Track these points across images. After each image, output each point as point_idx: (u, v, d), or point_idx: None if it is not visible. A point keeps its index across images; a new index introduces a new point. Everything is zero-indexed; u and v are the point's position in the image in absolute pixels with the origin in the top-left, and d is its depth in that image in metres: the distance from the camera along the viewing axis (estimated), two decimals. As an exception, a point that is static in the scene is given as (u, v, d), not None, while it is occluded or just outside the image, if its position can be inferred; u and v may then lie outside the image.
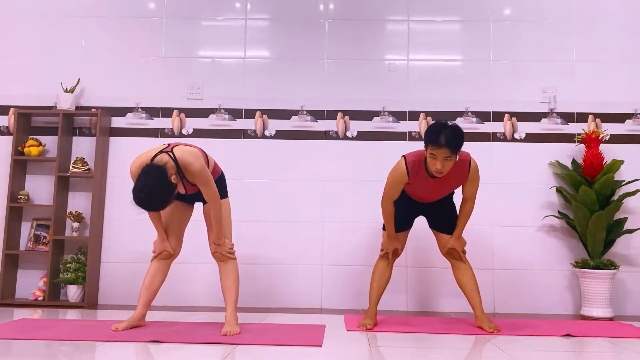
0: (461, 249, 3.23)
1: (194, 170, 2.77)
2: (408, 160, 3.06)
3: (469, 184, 3.11)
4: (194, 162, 2.77)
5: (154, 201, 2.63)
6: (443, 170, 2.92)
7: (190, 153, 2.80)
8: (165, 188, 2.63)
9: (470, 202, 3.17)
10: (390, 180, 3.12)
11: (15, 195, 4.10)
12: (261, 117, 4.26)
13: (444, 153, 2.86)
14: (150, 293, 3.02)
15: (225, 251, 3.00)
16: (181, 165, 2.76)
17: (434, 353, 2.59)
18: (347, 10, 4.36)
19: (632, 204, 4.06)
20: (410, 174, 3.05)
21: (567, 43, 4.28)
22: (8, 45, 4.36)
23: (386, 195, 3.16)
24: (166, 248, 3.03)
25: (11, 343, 2.60)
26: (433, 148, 2.88)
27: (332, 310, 3.96)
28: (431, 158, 2.92)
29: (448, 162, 2.90)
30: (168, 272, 3.10)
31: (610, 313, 3.75)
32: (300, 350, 2.54)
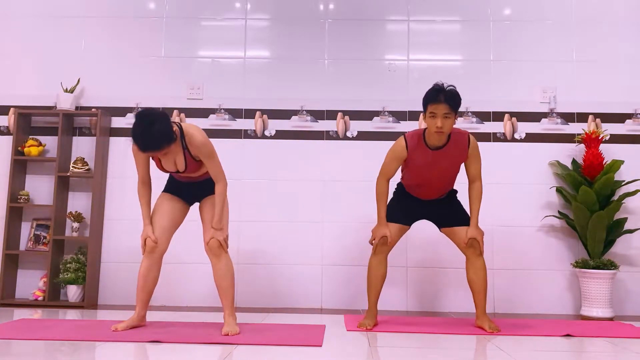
0: (481, 237, 3.13)
1: (198, 141, 2.78)
2: (407, 135, 3.12)
3: (471, 161, 3.11)
4: (198, 134, 2.80)
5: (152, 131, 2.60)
6: (443, 129, 2.93)
7: (196, 128, 2.84)
8: (166, 125, 2.64)
9: (477, 183, 3.14)
10: (388, 155, 3.14)
11: (15, 195, 4.10)
12: (261, 117, 4.27)
13: (443, 109, 2.91)
14: (146, 293, 2.99)
15: (222, 238, 2.91)
16: (186, 134, 2.78)
17: (434, 353, 2.59)
18: (347, 10, 4.36)
19: (632, 204, 4.06)
20: (409, 146, 3.06)
21: (567, 43, 4.28)
22: (8, 45, 4.36)
23: (382, 170, 3.16)
24: (148, 233, 2.92)
25: (11, 343, 2.60)
26: (432, 105, 2.93)
27: (332, 310, 3.96)
28: (431, 118, 2.95)
29: (447, 120, 2.93)
30: (160, 268, 3.02)
31: (610, 313, 3.75)
32: (300, 350, 2.54)
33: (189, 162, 2.86)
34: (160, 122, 2.63)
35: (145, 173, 2.95)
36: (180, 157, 2.83)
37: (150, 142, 2.65)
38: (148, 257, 2.96)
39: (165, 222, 2.99)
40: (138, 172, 2.94)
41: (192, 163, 2.87)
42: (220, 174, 2.90)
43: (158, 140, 2.64)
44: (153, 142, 2.65)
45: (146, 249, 2.95)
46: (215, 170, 2.88)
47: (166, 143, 2.66)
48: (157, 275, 3.01)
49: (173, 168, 2.89)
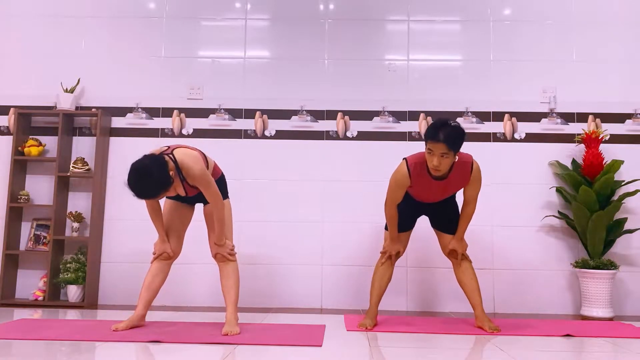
0: (462, 251, 3.22)
1: (195, 174, 2.78)
2: (409, 162, 3.05)
3: (471, 186, 3.10)
4: (194, 165, 2.77)
5: (147, 185, 2.61)
6: (440, 168, 2.90)
7: (191, 156, 2.80)
8: (162, 175, 2.63)
9: (471, 205, 3.16)
10: (392, 183, 3.11)
11: (15, 195, 4.10)
12: (261, 117, 4.26)
13: (441, 149, 2.85)
14: (150, 293, 3.02)
15: (227, 252, 2.99)
16: (181, 168, 2.77)
17: (434, 353, 2.59)
18: (347, 10, 4.36)
19: (632, 204, 4.06)
20: (412, 176, 3.04)
21: (567, 43, 4.28)
22: (8, 45, 4.36)
23: (389, 199, 3.16)
24: (166, 249, 3.03)
25: (11, 343, 2.60)
26: (431, 143, 2.88)
27: (332, 310, 3.96)
28: (429, 154, 2.92)
29: (445, 159, 2.89)
30: (168, 273, 3.10)
31: (610, 313, 3.75)
32: (300, 350, 2.54)
33: (188, 190, 2.90)
34: (155, 172, 2.61)
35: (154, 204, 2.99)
36: (180, 187, 2.84)
37: (148, 193, 2.67)
38: (163, 261, 3.06)
39: (178, 232, 3.09)
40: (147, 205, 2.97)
41: (192, 191, 2.91)
42: (217, 200, 2.89)
43: (155, 190, 2.65)
44: (150, 193, 2.67)
45: (163, 256, 3.04)
46: (213, 197, 2.88)
47: (163, 190, 2.67)
48: (165, 278, 3.08)
49: (174, 194, 2.90)
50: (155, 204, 2.99)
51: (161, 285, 3.07)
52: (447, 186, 3.10)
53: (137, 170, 2.61)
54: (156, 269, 3.04)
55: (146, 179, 2.60)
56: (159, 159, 2.67)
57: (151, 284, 3.02)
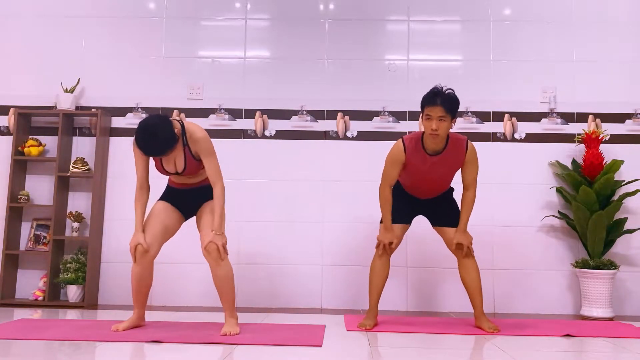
0: (468, 243, 3.15)
1: (199, 137, 2.83)
2: (405, 138, 3.12)
3: (468, 167, 3.10)
4: (199, 130, 2.86)
5: (156, 136, 2.70)
6: (439, 132, 2.94)
7: (199, 126, 2.90)
8: (168, 132, 2.72)
9: (471, 190, 3.14)
10: (387, 160, 3.15)
11: (15, 195, 4.10)
12: (261, 117, 4.27)
13: (439, 112, 2.92)
14: (141, 295, 2.97)
15: (222, 243, 2.87)
16: (187, 130, 2.83)
17: (434, 353, 2.59)
18: (347, 10, 4.36)
19: (632, 204, 4.07)
20: (408, 151, 3.07)
21: (567, 43, 4.28)
22: (8, 45, 4.36)
23: (384, 177, 3.16)
24: (139, 240, 2.85)
25: (11, 343, 2.60)
26: (428, 108, 2.96)
27: (332, 310, 3.96)
28: (427, 120, 2.97)
29: (443, 123, 2.94)
30: (153, 270, 2.97)
31: (610, 313, 3.75)
32: (300, 350, 2.54)
33: (188, 162, 2.86)
34: (162, 130, 2.72)
35: (144, 176, 2.94)
36: (180, 155, 2.83)
37: (155, 150, 2.76)
38: (139, 263, 2.89)
39: (158, 229, 2.94)
40: (137, 174, 2.93)
41: (191, 163, 2.87)
42: (218, 175, 2.89)
43: (162, 147, 2.73)
44: (158, 150, 2.75)
45: (136, 255, 2.88)
46: (214, 169, 2.88)
47: (170, 148, 2.75)
48: (150, 279, 2.98)
49: (172, 169, 2.89)
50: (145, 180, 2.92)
51: (149, 285, 2.98)
52: (441, 164, 3.07)
53: (144, 130, 2.73)
54: (137, 274, 2.91)
55: (154, 138, 2.71)
56: (164, 117, 2.79)
57: (139, 289, 2.95)
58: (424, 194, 3.25)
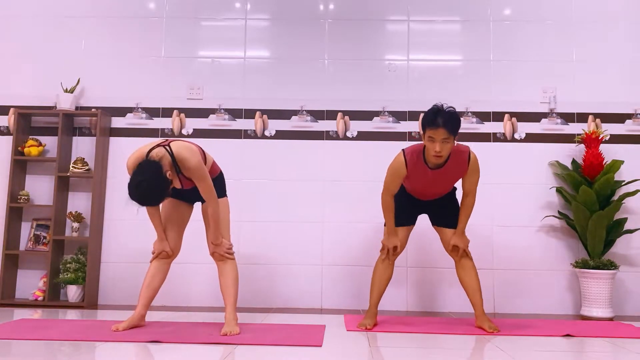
0: (464, 246, 3.18)
1: (190, 166, 2.78)
2: (406, 152, 3.08)
3: (469, 176, 3.09)
4: (190, 157, 2.78)
5: (148, 196, 2.66)
6: (442, 153, 2.91)
7: (187, 148, 2.81)
8: (160, 183, 2.65)
9: (470, 196, 3.15)
10: (389, 172, 3.13)
11: (15, 195, 4.10)
12: (261, 117, 4.27)
13: (442, 134, 2.88)
14: (150, 292, 3.02)
15: (224, 251, 2.99)
16: (177, 159, 2.77)
17: (434, 353, 2.59)
18: (347, 10, 4.36)
19: (632, 204, 4.06)
20: (409, 165, 3.05)
21: (567, 43, 4.28)
22: (8, 45, 4.36)
23: (385, 188, 3.16)
24: (164, 248, 3.03)
25: (11, 343, 2.60)
26: (431, 130, 2.90)
27: (332, 310, 3.96)
28: (429, 141, 2.92)
29: (446, 144, 2.91)
30: (168, 272, 3.10)
31: (610, 313, 3.75)
32: (300, 350, 2.54)
33: (185, 183, 2.91)
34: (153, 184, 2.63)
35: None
36: (176, 180, 2.85)
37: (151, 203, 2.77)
38: (162, 260, 3.06)
39: (177, 230, 3.09)
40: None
41: (188, 184, 2.92)
42: (211, 195, 2.89)
43: (157, 199, 2.74)
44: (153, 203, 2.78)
45: (162, 254, 3.05)
46: (207, 192, 2.88)
47: (164, 197, 2.74)
48: (164, 277, 3.08)
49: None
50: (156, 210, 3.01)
51: (161, 284, 3.07)
52: (443, 176, 3.08)
53: (136, 188, 2.61)
54: (155, 268, 3.04)
55: (146, 193, 2.63)
56: (152, 167, 2.65)
57: (151, 283, 3.02)
58: (426, 197, 3.26)
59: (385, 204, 3.18)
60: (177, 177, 2.83)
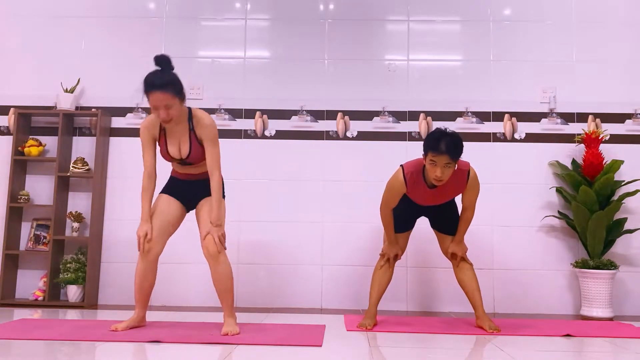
0: (462, 254, 3.22)
1: (205, 123, 2.84)
2: (406, 170, 3.06)
3: (468, 192, 3.10)
4: (206, 116, 2.87)
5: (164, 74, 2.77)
6: (443, 178, 2.91)
7: (206, 113, 2.91)
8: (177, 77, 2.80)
9: (469, 211, 3.17)
10: (387, 189, 3.13)
11: (15, 195, 4.10)
12: (261, 117, 4.27)
13: (444, 160, 2.86)
14: (143, 294, 2.98)
15: (219, 235, 2.86)
16: (194, 116, 2.86)
17: (434, 353, 2.59)
18: (347, 10, 4.36)
19: (632, 204, 4.06)
20: (408, 184, 3.06)
21: (567, 43, 4.28)
22: (8, 46, 4.36)
23: (384, 203, 3.17)
24: (146, 230, 2.87)
25: (11, 343, 2.60)
26: (434, 155, 2.87)
27: (332, 310, 3.96)
28: (431, 165, 2.91)
29: (448, 169, 2.90)
30: (157, 269, 2.99)
31: (610, 313, 3.75)
32: (300, 350, 2.54)
33: (193, 147, 2.87)
34: (172, 72, 2.82)
35: (152, 163, 2.94)
36: (185, 138, 2.85)
37: (159, 80, 2.75)
38: (143, 260, 2.92)
39: (163, 225, 2.95)
40: (145, 161, 2.93)
41: (196, 148, 2.87)
42: (216, 164, 2.88)
43: (166, 81, 2.74)
44: (160, 80, 2.74)
45: (141, 251, 2.90)
46: (214, 158, 2.87)
47: (171, 88, 2.74)
48: (154, 277, 2.99)
49: (177, 153, 2.90)
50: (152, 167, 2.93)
51: (152, 283, 2.99)
52: (442, 192, 3.10)
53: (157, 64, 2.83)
54: (142, 271, 2.93)
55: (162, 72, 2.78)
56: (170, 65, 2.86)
57: (142, 285, 2.95)
58: (425, 204, 3.27)
59: (384, 218, 3.20)
60: (187, 134, 2.84)
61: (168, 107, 2.75)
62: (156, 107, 2.77)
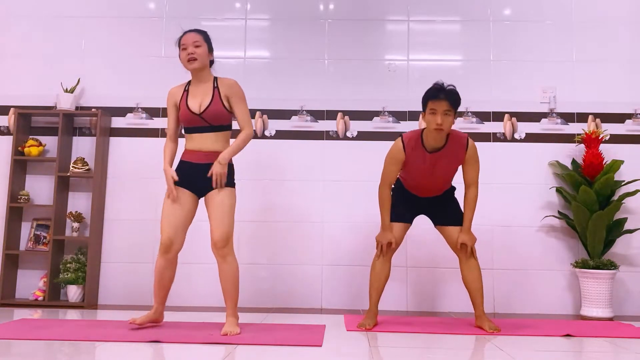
0: (472, 244, 3.14)
1: (230, 82, 3.02)
2: (404, 137, 3.13)
3: (469, 165, 3.11)
4: (231, 79, 3.04)
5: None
6: (443, 126, 2.96)
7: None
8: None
9: (473, 188, 3.15)
10: (387, 159, 3.17)
11: (15, 195, 4.10)
12: (261, 117, 4.27)
13: (444, 106, 2.95)
14: (163, 289, 3.01)
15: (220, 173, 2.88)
16: (219, 78, 3.03)
17: (434, 353, 2.59)
18: (347, 10, 4.36)
19: (632, 204, 4.07)
20: (407, 149, 3.09)
21: (567, 43, 4.28)
22: (8, 46, 4.36)
23: (383, 176, 3.18)
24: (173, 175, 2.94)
25: (11, 343, 2.60)
26: (433, 102, 2.98)
27: (332, 310, 3.96)
28: (431, 114, 2.98)
29: (447, 117, 2.97)
30: (176, 265, 3.02)
31: (610, 313, 3.75)
32: (300, 350, 2.54)
33: (214, 100, 2.95)
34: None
35: (174, 128, 3.08)
36: (209, 93, 2.97)
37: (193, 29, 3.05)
38: (163, 256, 2.95)
39: (179, 221, 2.94)
40: (168, 126, 3.08)
41: (216, 102, 2.95)
42: (248, 120, 3.02)
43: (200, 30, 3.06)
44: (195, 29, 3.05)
45: (161, 249, 2.92)
46: (245, 114, 3.01)
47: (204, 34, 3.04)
48: (173, 273, 3.03)
49: (197, 107, 2.94)
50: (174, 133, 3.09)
51: (172, 279, 3.02)
52: (441, 160, 3.08)
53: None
54: (161, 267, 2.96)
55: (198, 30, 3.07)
56: None
57: (161, 280, 2.99)
58: (425, 192, 3.24)
59: (382, 197, 3.18)
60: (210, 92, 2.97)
61: (196, 45, 2.98)
62: (186, 45, 2.99)
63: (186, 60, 2.99)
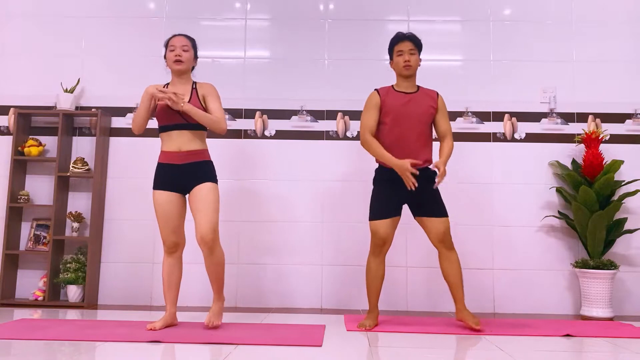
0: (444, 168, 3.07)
1: (209, 85, 3.14)
2: (378, 88, 3.33)
3: (440, 116, 3.28)
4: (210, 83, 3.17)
5: None
6: (411, 63, 3.21)
7: None
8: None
9: (448, 138, 3.28)
10: (364, 107, 3.30)
11: (15, 195, 4.10)
12: (261, 117, 4.27)
13: (408, 45, 3.24)
14: (173, 291, 3.08)
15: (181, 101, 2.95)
16: (198, 82, 3.17)
17: (434, 353, 2.59)
18: (347, 10, 4.36)
19: (632, 204, 4.07)
20: (381, 93, 3.27)
21: (567, 43, 4.28)
22: (8, 45, 4.36)
23: (362, 125, 3.26)
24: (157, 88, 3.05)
25: (11, 343, 2.60)
26: (398, 45, 3.26)
27: (332, 310, 3.96)
28: (398, 55, 3.25)
29: (413, 56, 3.24)
30: (182, 265, 3.12)
31: (610, 313, 3.75)
32: (300, 350, 2.54)
33: (192, 99, 3.07)
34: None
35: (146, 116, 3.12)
36: (187, 92, 3.08)
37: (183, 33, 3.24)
38: (171, 256, 3.06)
39: (175, 222, 3.05)
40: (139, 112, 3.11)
41: (194, 101, 3.07)
42: (222, 117, 3.08)
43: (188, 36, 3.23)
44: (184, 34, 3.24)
45: (167, 251, 3.05)
46: (218, 112, 3.07)
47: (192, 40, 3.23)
48: (181, 272, 3.12)
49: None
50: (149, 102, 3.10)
51: (180, 279, 3.11)
52: (416, 103, 3.23)
53: None
54: (169, 267, 3.06)
55: None
56: None
57: (170, 282, 3.07)
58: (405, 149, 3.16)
59: (368, 141, 3.21)
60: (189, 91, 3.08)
61: (185, 49, 3.14)
62: (174, 47, 3.14)
63: (172, 61, 3.13)
